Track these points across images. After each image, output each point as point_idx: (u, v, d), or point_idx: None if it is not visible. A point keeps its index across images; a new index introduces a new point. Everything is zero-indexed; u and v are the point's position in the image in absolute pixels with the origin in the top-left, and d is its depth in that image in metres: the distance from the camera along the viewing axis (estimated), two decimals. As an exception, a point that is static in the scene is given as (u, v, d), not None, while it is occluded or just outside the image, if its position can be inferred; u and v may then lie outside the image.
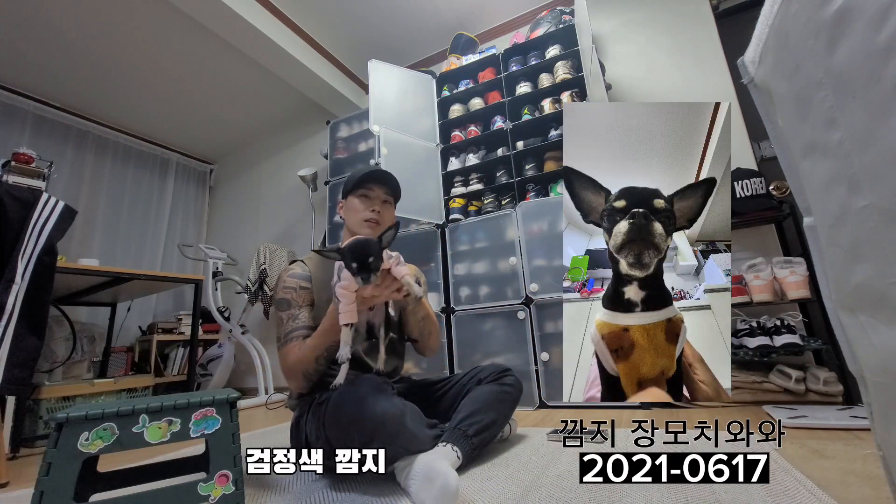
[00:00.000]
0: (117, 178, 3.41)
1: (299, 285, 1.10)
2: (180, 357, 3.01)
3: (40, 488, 0.67)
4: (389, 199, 1.20)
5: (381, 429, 0.82)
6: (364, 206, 1.14)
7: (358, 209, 1.14)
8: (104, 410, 0.73)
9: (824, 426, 1.14)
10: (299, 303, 1.08)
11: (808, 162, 0.46)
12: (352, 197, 1.16)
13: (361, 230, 1.13)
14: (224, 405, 0.82)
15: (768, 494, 0.72)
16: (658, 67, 2.24)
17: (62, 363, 2.19)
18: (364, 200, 1.15)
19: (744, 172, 1.74)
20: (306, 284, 1.11)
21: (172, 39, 2.64)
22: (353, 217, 1.15)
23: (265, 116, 3.60)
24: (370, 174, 1.17)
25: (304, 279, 1.11)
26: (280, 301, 1.09)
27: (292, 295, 1.08)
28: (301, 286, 1.10)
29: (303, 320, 1.06)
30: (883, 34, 0.32)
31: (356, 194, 1.16)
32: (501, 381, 1.14)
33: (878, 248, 0.36)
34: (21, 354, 1.27)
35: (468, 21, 2.77)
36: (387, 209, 1.18)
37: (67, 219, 1.49)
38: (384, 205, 1.18)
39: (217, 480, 0.77)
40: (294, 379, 1.03)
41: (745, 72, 0.56)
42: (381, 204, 1.17)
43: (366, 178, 1.16)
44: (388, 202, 1.20)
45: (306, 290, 1.10)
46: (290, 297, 1.08)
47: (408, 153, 2.36)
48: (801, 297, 1.53)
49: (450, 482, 0.76)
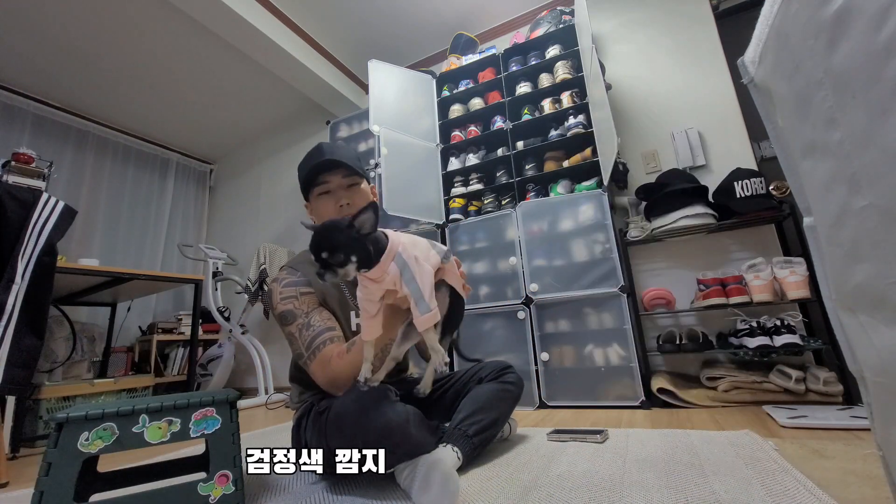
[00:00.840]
0: (117, 178, 3.41)
1: (299, 291, 0.98)
2: (180, 357, 3.01)
3: (40, 488, 0.67)
4: (355, 180, 1.02)
5: (385, 440, 0.80)
6: (329, 204, 0.99)
7: (324, 210, 1.00)
8: (104, 410, 0.73)
9: (824, 426, 1.14)
10: (305, 309, 0.95)
11: (808, 162, 0.46)
12: (312, 199, 1.02)
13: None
14: (224, 405, 0.82)
15: (768, 494, 0.72)
16: (658, 67, 2.24)
17: (62, 363, 2.19)
18: (326, 198, 1.00)
19: (744, 172, 1.74)
20: (306, 289, 0.98)
21: (172, 39, 2.64)
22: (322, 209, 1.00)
23: (265, 116, 3.60)
24: (315, 167, 0.99)
25: (301, 284, 0.99)
26: (282, 315, 0.95)
27: (294, 304, 0.96)
28: (301, 292, 0.98)
29: (319, 324, 0.92)
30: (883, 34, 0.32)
31: (315, 193, 1.01)
32: (502, 379, 1.14)
33: (878, 248, 0.36)
34: (21, 354, 1.27)
35: (468, 21, 2.77)
36: (356, 194, 1.01)
37: (67, 219, 1.49)
38: (350, 190, 1.01)
39: (217, 480, 0.77)
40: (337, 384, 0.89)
41: (745, 72, 0.56)
42: (345, 191, 1.00)
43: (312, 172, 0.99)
44: (354, 184, 1.02)
45: (309, 294, 0.98)
46: (291, 307, 0.95)
47: (408, 153, 2.36)
48: (801, 297, 1.53)
49: (450, 482, 0.76)
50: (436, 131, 2.53)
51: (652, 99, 2.23)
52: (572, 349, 1.86)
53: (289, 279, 0.99)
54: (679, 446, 1.04)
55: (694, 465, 0.90)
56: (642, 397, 1.64)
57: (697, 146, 2.05)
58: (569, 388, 1.81)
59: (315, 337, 0.90)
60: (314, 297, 0.98)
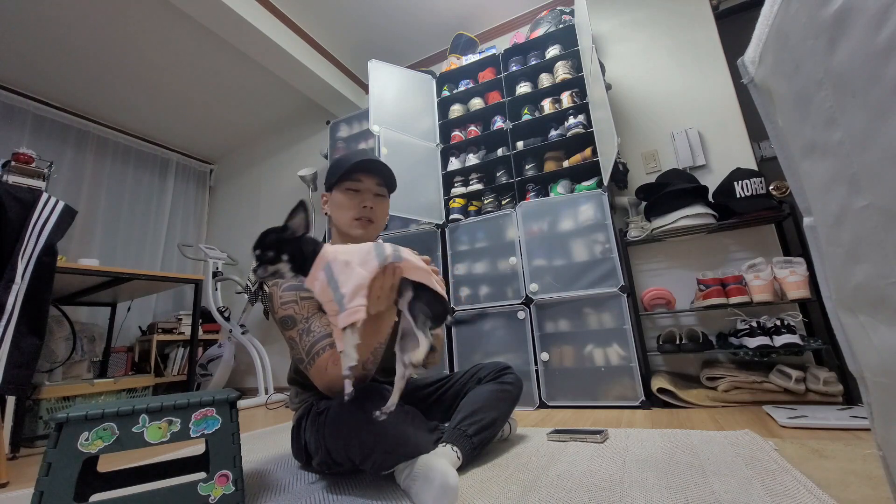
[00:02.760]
0: (117, 178, 3.41)
1: (299, 296, 0.96)
2: (180, 357, 3.01)
3: (40, 488, 0.67)
4: (383, 192, 1.05)
5: (382, 442, 0.80)
6: (353, 202, 1.00)
7: (346, 206, 1.00)
8: (104, 410, 0.73)
9: (824, 426, 1.14)
10: (305, 315, 0.95)
11: (808, 162, 0.46)
12: (337, 191, 1.02)
13: (352, 230, 1.00)
14: (224, 405, 0.82)
15: (768, 494, 0.72)
16: (658, 67, 2.24)
17: (62, 363, 2.19)
18: (352, 195, 1.01)
19: (744, 172, 1.74)
20: (306, 293, 0.96)
21: (173, 39, 2.64)
22: (341, 215, 1.01)
23: (265, 116, 3.60)
24: (359, 164, 1.01)
25: (301, 288, 0.96)
26: (283, 320, 0.95)
27: (294, 309, 0.95)
28: (301, 296, 0.96)
29: (319, 330, 0.91)
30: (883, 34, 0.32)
31: (342, 188, 1.01)
32: (501, 379, 1.14)
33: (878, 248, 0.36)
34: (21, 354, 1.27)
35: (468, 21, 2.77)
36: (380, 204, 1.04)
37: (67, 219, 1.49)
38: (377, 199, 1.03)
39: (217, 480, 0.77)
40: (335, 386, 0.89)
41: (745, 72, 0.56)
42: (373, 198, 1.02)
43: (354, 168, 1.00)
44: (382, 195, 1.05)
45: (309, 299, 0.96)
46: (292, 312, 0.94)
47: (408, 153, 2.36)
48: (801, 297, 1.53)
49: (450, 482, 0.76)
50: (436, 131, 2.53)
51: (652, 99, 2.23)
52: (572, 349, 1.86)
53: (289, 283, 0.98)
54: (679, 446, 1.04)
55: (694, 465, 0.90)
56: (642, 397, 1.64)
57: (697, 146, 2.05)
58: (569, 388, 1.81)
59: (315, 343, 0.90)
60: (314, 301, 0.96)
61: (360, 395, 0.82)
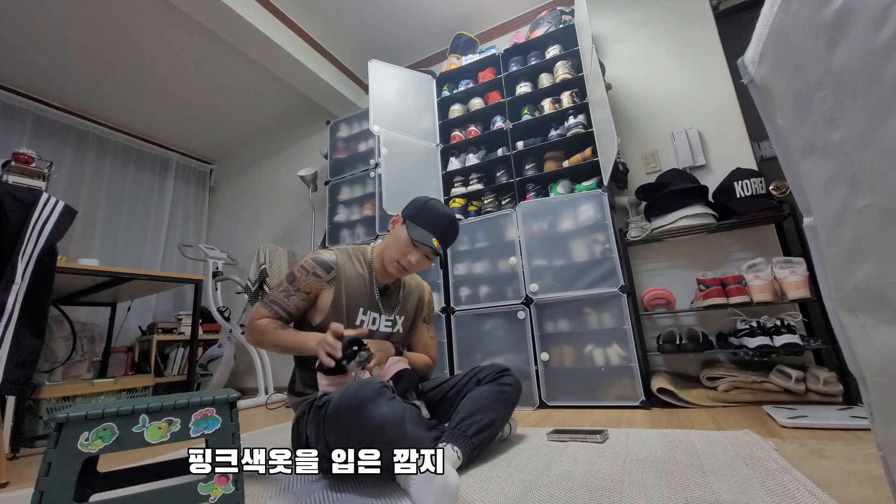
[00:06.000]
0: (117, 178, 3.41)
1: (315, 271, 1.10)
2: (180, 357, 3.01)
3: (40, 488, 0.67)
4: (433, 258, 1.18)
5: (380, 434, 0.81)
6: (407, 251, 1.13)
7: (401, 249, 1.13)
8: (104, 410, 0.73)
9: (824, 426, 1.14)
10: (301, 286, 1.09)
11: (808, 162, 0.46)
12: (407, 230, 1.13)
13: (389, 266, 1.15)
14: (224, 405, 0.82)
15: (768, 494, 0.72)
16: (658, 67, 2.24)
17: (62, 363, 2.19)
18: (412, 249, 1.13)
19: (744, 172, 1.74)
20: (322, 273, 1.10)
21: (173, 39, 2.64)
22: (394, 250, 1.14)
23: (265, 116, 3.60)
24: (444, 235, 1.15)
25: (324, 267, 1.10)
26: (289, 274, 1.11)
27: (302, 275, 1.09)
28: (316, 273, 1.10)
29: (290, 303, 1.08)
30: (883, 34, 0.31)
31: (417, 239, 1.12)
32: (500, 381, 1.15)
33: (878, 248, 0.36)
34: (21, 354, 1.27)
35: (468, 21, 2.77)
36: (424, 265, 1.17)
37: (67, 219, 1.49)
38: (425, 260, 1.16)
39: (217, 480, 0.77)
40: (251, 337, 1.10)
41: (745, 72, 0.56)
42: (423, 259, 1.15)
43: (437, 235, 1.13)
44: (431, 259, 1.18)
45: (317, 279, 1.09)
46: (299, 276, 1.09)
47: (408, 153, 2.36)
48: (801, 297, 1.52)
49: (450, 482, 0.76)
50: (436, 131, 2.53)
51: (652, 99, 2.23)
52: (572, 349, 1.86)
53: (321, 257, 1.12)
54: (679, 446, 1.04)
55: (694, 465, 0.90)
56: (642, 397, 1.64)
57: (697, 146, 2.05)
58: (569, 388, 1.81)
59: (276, 302, 1.09)
60: (318, 283, 1.10)
61: (359, 390, 0.86)
